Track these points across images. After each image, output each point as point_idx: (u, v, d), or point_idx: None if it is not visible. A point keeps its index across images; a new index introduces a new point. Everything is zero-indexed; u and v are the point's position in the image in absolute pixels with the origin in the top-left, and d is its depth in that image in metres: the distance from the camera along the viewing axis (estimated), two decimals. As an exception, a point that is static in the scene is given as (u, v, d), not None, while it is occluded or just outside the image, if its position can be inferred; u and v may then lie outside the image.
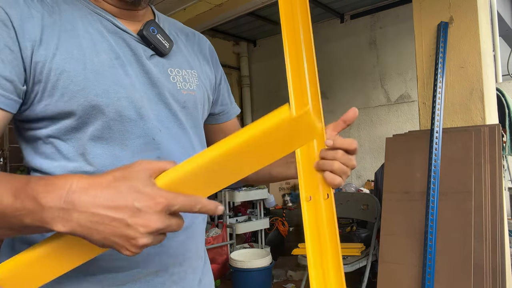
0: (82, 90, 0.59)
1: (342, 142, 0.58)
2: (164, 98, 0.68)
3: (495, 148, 1.78)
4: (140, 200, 0.41)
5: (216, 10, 3.37)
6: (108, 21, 0.66)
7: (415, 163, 1.96)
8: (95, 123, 0.60)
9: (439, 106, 1.94)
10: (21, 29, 0.56)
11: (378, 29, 4.39)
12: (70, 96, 0.58)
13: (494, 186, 1.75)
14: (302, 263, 2.69)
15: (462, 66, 1.95)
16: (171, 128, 0.68)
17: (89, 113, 0.59)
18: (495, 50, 3.42)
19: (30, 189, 0.44)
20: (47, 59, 0.57)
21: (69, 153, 0.61)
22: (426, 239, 1.80)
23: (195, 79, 0.75)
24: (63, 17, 0.62)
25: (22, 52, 0.56)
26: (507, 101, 2.33)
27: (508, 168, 2.66)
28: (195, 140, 0.73)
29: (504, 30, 4.12)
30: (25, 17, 0.57)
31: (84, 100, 0.59)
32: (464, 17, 1.94)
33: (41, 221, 0.43)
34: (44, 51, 0.57)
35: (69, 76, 0.58)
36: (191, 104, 0.73)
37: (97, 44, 0.63)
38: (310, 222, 0.57)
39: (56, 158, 0.61)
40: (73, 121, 0.60)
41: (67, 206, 0.42)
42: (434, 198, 1.82)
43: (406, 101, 4.18)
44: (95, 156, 0.61)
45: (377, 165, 3.82)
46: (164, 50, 0.70)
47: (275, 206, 4.24)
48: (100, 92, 0.60)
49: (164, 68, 0.70)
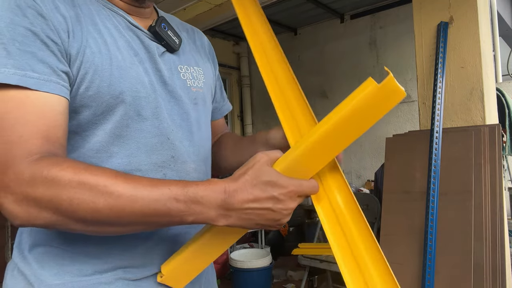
0: (108, 86, 0.59)
1: None
2: (176, 96, 0.68)
3: (495, 148, 1.78)
4: (278, 191, 0.52)
5: (216, 10, 3.37)
6: (121, 17, 0.66)
7: (415, 163, 1.96)
8: (114, 120, 0.60)
9: (439, 106, 1.94)
10: (53, 19, 0.55)
11: (378, 29, 4.39)
12: (95, 91, 0.58)
13: (494, 186, 1.75)
14: (302, 263, 2.68)
15: (462, 66, 1.95)
16: (183, 127, 0.69)
17: (111, 109, 0.60)
18: (495, 50, 3.42)
19: (191, 194, 0.51)
20: (79, 52, 0.57)
21: (84, 149, 0.60)
22: (426, 239, 1.80)
23: (201, 76, 0.76)
24: (83, 10, 0.61)
25: (62, 42, 0.56)
26: (507, 101, 2.33)
27: (508, 168, 2.65)
28: (205, 136, 0.75)
29: (504, 30, 4.12)
30: (53, 8, 0.56)
31: (110, 96, 0.59)
32: (464, 17, 1.93)
33: (205, 219, 0.52)
34: (76, 43, 0.57)
35: (97, 71, 0.58)
36: (201, 101, 0.74)
37: (117, 39, 0.63)
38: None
39: (72, 153, 0.60)
40: (93, 116, 0.59)
41: (228, 206, 0.52)
42: (434, 198, 1.82)
43: (406, 101, 4.18)
44: (112, 154, 0.61)
45: (377, 165, 3.82)
46: (175, 47, 0.70)
47: (275, 206, 4.23)
48: (124, 90, 0.60)
49: (175, 65, 0.70)
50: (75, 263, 0.61)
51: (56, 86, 0.54)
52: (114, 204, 0.49)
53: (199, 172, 0.71)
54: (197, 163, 0.70)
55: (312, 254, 2.63)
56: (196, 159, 0.70)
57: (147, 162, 0.63)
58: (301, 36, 5.04)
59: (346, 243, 0.55)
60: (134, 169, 0.62)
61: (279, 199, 0.52)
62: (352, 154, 4.42)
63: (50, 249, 0.62)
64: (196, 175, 0.70)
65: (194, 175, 0.69)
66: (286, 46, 4.77)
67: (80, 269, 0.61)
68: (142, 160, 0.63)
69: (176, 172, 0.67)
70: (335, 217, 0.57)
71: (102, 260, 0.62)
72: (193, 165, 0.70)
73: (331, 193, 0.59)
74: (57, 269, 0.61)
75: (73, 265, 0.61)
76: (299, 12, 4.48)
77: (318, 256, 2.59)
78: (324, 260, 2.52)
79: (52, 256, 0.61)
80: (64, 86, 0.55)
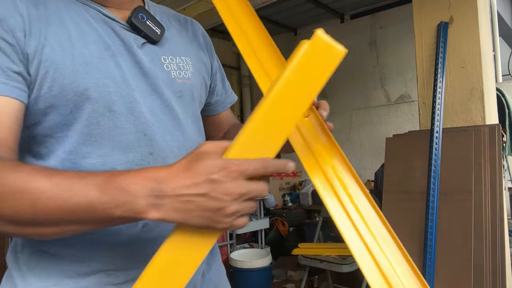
0: (71, 84, 0.56)
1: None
2: (157, 89, 0.65)
3: (495, 148, 1.78)
4: (215, 172, 0.44)
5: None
6: (94, 10, 0.63)
7: (415, 163, 1.96)
8: (84, 118, 0.58)
9: (439, 106, 1.94)
10: (8, 20, 0.54)
11: (378, 29, 4.39)
12: (59, 90, 0.56)
13: (494, 186, 1.75)
14: (302, 263, 2.68)
15: (462, 66, 1.95)
16: (165, 121, 0.65)
17: (78, 108, 0.57)
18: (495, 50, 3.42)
19: (117, 183, 0.45)
20: (37, 51, 0.55)
21: (59, 151, 0.58)
22: (426, 239, 1.80)
23: (190, 66, 0.72)
24: (48, 8, 0.59)
25: (18, 42, 0.54)
26: (507, 101, 2.33)
27: (508, 168, 2.65)
28: (193, 130, 0.71)
29: (504, 30, 4.12)
30: (10, 7, 0.55)
31: (74, 94, 0.56)
32: (464, 17, 1.94)
33: (133, 211, 0.45)
34: (34, 42, 0.55)
35: (58, 69, 0.56)
36: (188, 94, 0.70)
37: (86, 34, 0.60)
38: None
39: (46, 157, 0.59)
40: (63, 117, 0.57)
41: (159, 193, 0.44)
42: (434, 198, 1.82)
43: (406, 101, 4.18)
44: (85, 155, 0.59)
45: (377, 165, 3.82)
46: (155, 37, 0.67)
47: (275, 206, 4.24)
48: (89, 86, 0.57)
49: (157, 56, 0.67)
50: (60, 267, 0.60)
51: (4, 87, 0.53)
52: (37, 201, 0.45)
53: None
54: (177, 153, 0.66)
55: (312, 254, 2.63)
56: (180, 153, 0.65)
57: (124, 160, 0.60)
58: (301, 36, 5.04)
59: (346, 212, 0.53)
60: (110, 169, 0.59)
61: (217, 181, 0.43)
62: (352, 154, 4.42)
63: (39, 252, 0.61)
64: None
65: None
66: (286, 46, 4.76)
67: (65, 272, 0.60)
68: (118, 159, 0.60)
69: None
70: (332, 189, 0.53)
71: (86, 263, 0.60)
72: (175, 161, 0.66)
73: (325, 165, 0.54)
74: (43, 272, 0.60)
75: (58, 269, 0.60)
76: (299, 12, 4.48)
77: (318, 256, 2.59)
78: (324, 260, 2.52)
79: (40, 259, 0.61)
80: (15, 87, 0.54)
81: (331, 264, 2.48)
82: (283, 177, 4.56)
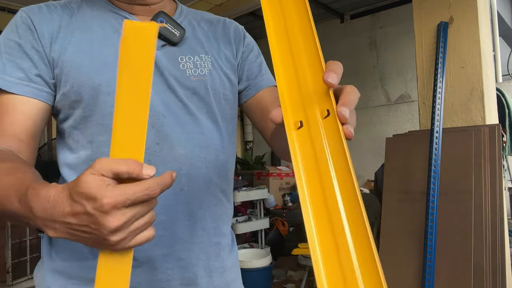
0: (88, 80, 0.65)
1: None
2: (170, 86, 0.70)
3: (495, 148, 1.78)
4: (88, 205, 0.42)
5: (216, 10, 3.37)
6: (122, 18, 0.71)
7: (415, 163, 1.96)
8: (99, 111, 0.66)
9: (439, 106, 1.94)
10: (41, 30, 0.66)
11: (378, 29, 4.39)
12: (79, 86, 0.65)
13: (494, 186, 1.75)
14: (302, 263, 2.69)
15: (462, 66, 1.95)
16: (178, 114, 0.70)
17: (95, 100, 0.65)
18: (495, 50, 3.42)
19: (26, 198, 0.48)
20: (61, 53, 0.65)
21: (83, 142, 0.67)
22: (426, 239, 1.80)
23: (208, 64, 0.75)
24: (80, 17, 0.70)
25: (44, 49, 0.66)
26: (507, 101, 2.33)
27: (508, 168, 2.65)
28: (207, 125, 0.73)
29: (504, 30, 4.12)
30: (45, 20, 0.67)
31: (90, 89, 0.65)
32: (464, 17, 1.94)
33: (39, 227, 0.48)
34: (58, 47, 0.66)
35: (78, 68, 0.65)
36: (203, 90, 0.73)
37: (108, 38, 0.68)
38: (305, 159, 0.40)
39: (76, 149, 0.68)
40: (83, 110, 0.66)
41: (50, 217, 0.45)
42: (434, 198, 1.82)
43: (406, 101, 4.18)
44: (100, 144, 0.66)
45: (377, 165, 3.82)
46: (174, 39, 0.72)
47: (275, 206, 4.24)
48: (103, 81, 0.65)
49: (174, 56, 0.72)
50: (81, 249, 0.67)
51: (25, 89, 0.64)
52: None
53: (191, 158, 0.70)
54: (189, 149, 0.70)
55: (312, 254, 2.63)
56: (188, 145, 0.70)
57: None
58: (301, 36, 5.03)
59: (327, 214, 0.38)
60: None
61: (92, 214, 0.42)
62: (352, 154, 4.40)
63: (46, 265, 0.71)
64: (188, 160, 0.70)
65: (184, 160, 0.69)
66: (286, 46, 4.75)
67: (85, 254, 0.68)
68: None
69: (162, 158, 0.68)
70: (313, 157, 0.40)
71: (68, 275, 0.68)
72: (183, 151, 0.70)
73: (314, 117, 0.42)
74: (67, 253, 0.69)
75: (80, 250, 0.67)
76: (299, 12, 4.48)
77: (318, 256, 2.59)
78: (324, 260, 2.52)
79: (66, 242, 0.68)
80: (35, 88, 0.65)
81: (331, 264, 2.47)
82: (283, 177, 4.56)
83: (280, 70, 0.47)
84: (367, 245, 0.35)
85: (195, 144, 0.71)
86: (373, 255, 0.35)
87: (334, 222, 0.37)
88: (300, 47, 0.47)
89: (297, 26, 0.48)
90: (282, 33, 0.49)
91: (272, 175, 4.46)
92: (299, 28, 0.48)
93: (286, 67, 0.47)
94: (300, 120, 0.42)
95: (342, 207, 0.38)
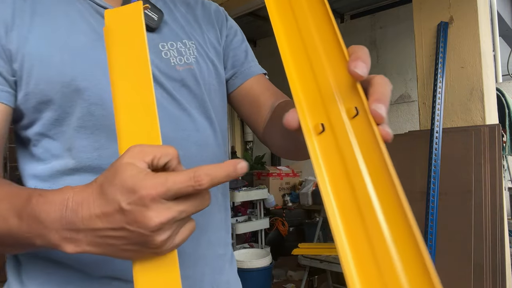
0: (58, 75, 0.53)
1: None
2: (155, 78, 0.59)
3: (495, 148, 1.78)
4: (124, 200, 0.34)
5: (216, 10, 3.36)
6: (87, 2, 0.59)
7: (415, 163, 1.96)
8: (76, 110, 0.54)
9: (439, 106, 1.94)
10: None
11: (378, 29, 4.39)
12: (47, 82, 0.52)
13: (494, 186, 1.75)
14: (302, 263, 2.69)
15: (462, 66, 1.95)
16: (168, 109, 0.60)
17: (69, 99, 0.53)
18: (495, 50, 3.42)
19: (31, 209, 0.39)
20: (19, 44, 0.52)
21: (57, 150, 0.55)
22: (426, 239, 1.80)
23: (193, 50, 0.66)
24: (36, 1, 0.56)
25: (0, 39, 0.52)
26: (507, 101, 2.33)
27: (508, 168, 2.65)
28: (201, 121, 0.64)
29: (504, 30, 4.12)
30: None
31: (62, 85, 0.53)
32: (464, 17, 1.94)
33: (50, 245, 0.38)
34: (16, 36, 0.53)
35: (43, 61, 0.52)
36: (192, 81, 0.64)
37: (75, 25, 0.56)
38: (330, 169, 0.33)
39: (48, 159, 0.56)
40: (55, 112, 0.54)
41: (71, 226, 0.37)
42: (434, 198, 1.82)
43: (406, 101, 4.18)
44: (80, 150, 0.54)
45: (377, 165, 3.82)
46: (152, 24, 0.61)
47: (275, 206, 4.24)
48: (77, 75, 0.53)
49: (154, 43, 0.62)
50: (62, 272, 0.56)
51: None
52: None
53: (189, 158, 0.59)
54: (185, 149, 0.60)
55: (312, 254, 2.63)
56: (185, 144, 0.60)
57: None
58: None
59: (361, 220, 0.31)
60: (105, 163, 0.55)
61: (130, 211, 0.34)
62: (352, 154, 4.41)
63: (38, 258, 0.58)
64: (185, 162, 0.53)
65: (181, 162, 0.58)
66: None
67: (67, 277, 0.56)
68: (114, 151, 0.54)
69: None
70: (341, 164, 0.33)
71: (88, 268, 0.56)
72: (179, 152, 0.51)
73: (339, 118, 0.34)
74: (43, 278, 0.57)
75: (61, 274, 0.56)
76: (299, 12, 4.48)
77: (318, 256, 2.59)
78: (324, 260, 2.52)
79: (39, 265, 0.57)
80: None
81: (331, 264, 2.48)
82: (283, 177, 4.56)
83: (291, 65, 0.39)
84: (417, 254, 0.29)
85: (192, 143, 0.62)
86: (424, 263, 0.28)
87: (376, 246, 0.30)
88: (314, 36, 0.39)
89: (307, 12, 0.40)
90: (290, 22, 0.41)
91: (272, 175, 4.46)
92: (310, 13, 0.40)
93: (298, 60, 0.39)
94: (321, 123, 0.35)
95: (387, 232, 0.30)
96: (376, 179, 0.32)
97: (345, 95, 0.35)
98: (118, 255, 0.38)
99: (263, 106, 0.70)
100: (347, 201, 0.32)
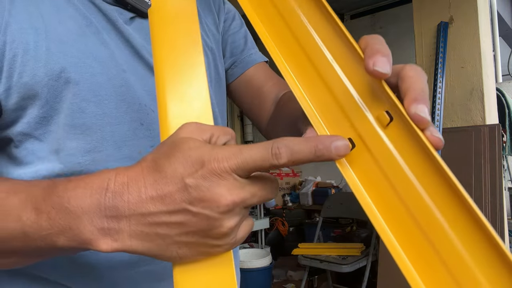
0: (44, 66, 0.45)
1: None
2: (152, 69, 0.53)
3: (495, 148, 1.78)
4: (190, 173, 0.28)
5: (216, 10, 3.36)
6: None
7: (415, 163, 1.96)
8: (66, 107, 0.47)
9: (439, 106, 1.94)
10: None
11: (378, 29, 4.39)
12: (31, 75, 0.45)
13: (494, 186, 1.75)
14: (302, 263, 2.69)
15: (462, 66, 1.95)
16: None
17: (57, 94, 0.46)
18: (495, 50, 3.42)
19: (57, 197, 0.31)
20: (0, 31, 0.44)
21: (42, 152, 0.47)
22: (426, 239, 1.80)
23: None
24: None
25: None
26: (507, 101, 2.33)
27: (508, 168, 2.65)
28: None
29: (504, 30, 4.12)
30: None
31: (48, 78, 0.45)
32: (464, 17, 1.94)
33: (79, 241, 0.30)
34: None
35: (28, 50, 0.45)
36: None
37: (61, 10, 0.49)
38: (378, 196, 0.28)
39: (31, 162, 0.47)
40: (41, 109, 0.46)
41: (111, 213, 0.29)
42: (434, 198, 1.82)
43: (406, 101, 4.18)
44: (70, 152, 0.47)
45: (377, 165, 3.82)
46: (145, 9, 0.54)
47: (275, 206, 4.24)
48: (66, 66, 0.46)
49: (147, 30, 0.55)
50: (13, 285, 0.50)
51: None
52: None
53: None
54: None
55: (312, 254, 2.63)
56: None
57: (117, 156, 0.49)
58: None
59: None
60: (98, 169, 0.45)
61: (196, 187, 0.28)
62: (352, 154, 4.41)
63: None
64: None
65: None
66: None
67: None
68: (109, 154, 0.49)
69: None
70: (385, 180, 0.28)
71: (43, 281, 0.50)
72: None
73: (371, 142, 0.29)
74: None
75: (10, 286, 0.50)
76: (299, 12, 4.49)
77: (318, 256, 2.59)
78: (324, 260, 2.52)
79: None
80: None
81: (331, 264, 2.48)
82: (283, 177, 4.56)
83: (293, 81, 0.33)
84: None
85: None
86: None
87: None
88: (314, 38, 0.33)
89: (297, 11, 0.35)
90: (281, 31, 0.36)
91: (272, 175, 4.46)
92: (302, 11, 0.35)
93: (303, 73, 0.33)
94: (349, 137, 0.29)
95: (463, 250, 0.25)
96: (435, 195, 0.26)
97: (370, 99, 0.29)
98: (166, 253, 0.30)
99: (266, 98, 0.65)
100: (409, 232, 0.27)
